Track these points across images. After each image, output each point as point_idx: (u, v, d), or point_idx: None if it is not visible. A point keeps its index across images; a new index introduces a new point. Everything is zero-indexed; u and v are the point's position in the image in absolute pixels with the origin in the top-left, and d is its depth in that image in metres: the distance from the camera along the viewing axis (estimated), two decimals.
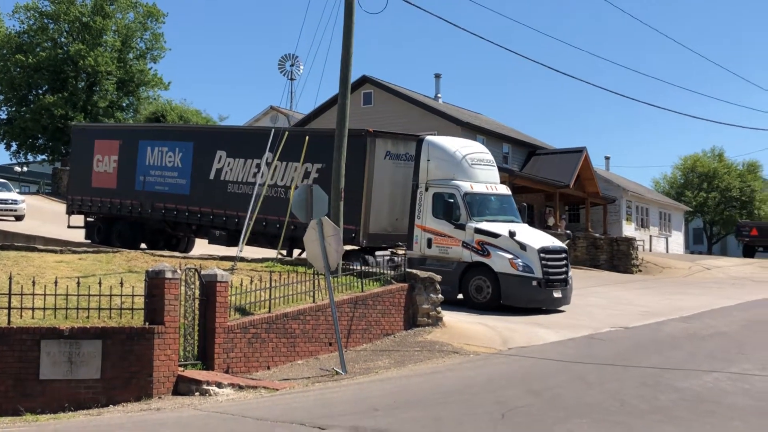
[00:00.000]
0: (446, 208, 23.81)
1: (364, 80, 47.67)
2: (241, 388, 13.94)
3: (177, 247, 31.06)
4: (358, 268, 20.24)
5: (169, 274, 14.01)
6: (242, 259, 20.86)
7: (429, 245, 24.12)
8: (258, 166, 26.30)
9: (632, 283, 35.13)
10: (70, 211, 32.65)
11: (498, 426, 10.77)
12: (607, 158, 70.81)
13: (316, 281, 17.63)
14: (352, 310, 18.00)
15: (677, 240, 63.48)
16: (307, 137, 26.17)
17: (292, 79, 69.06)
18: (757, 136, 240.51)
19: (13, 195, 39.04)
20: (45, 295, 13.85)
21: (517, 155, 50.57)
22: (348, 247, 24.37)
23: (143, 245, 29.88)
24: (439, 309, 19.90)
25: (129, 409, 12.82)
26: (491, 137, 46.93)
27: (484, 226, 23.67)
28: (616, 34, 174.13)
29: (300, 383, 14.69)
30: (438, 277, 20.17)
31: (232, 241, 26.34)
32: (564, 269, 24.11)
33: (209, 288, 14.92)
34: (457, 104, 54.53)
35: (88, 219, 32.25)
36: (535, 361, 16.24)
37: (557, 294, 23.70)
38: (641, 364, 15.65)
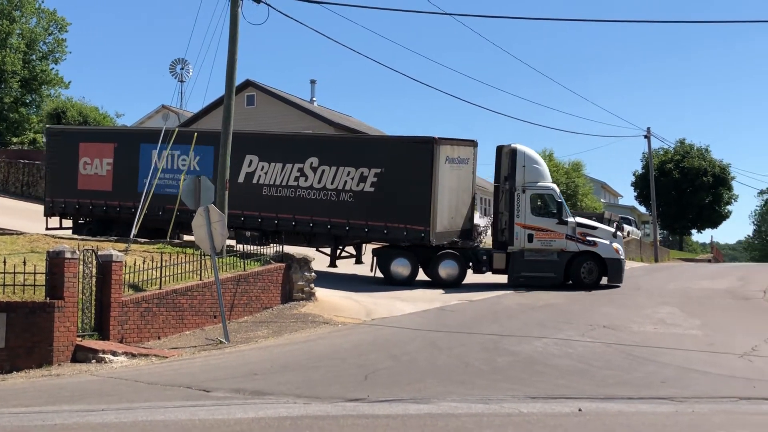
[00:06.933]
0: (550, 206, 24.71)
1: (247, 83, 46.98)
2: (134, 356, 13.69)
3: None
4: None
5: (68, 255, 13.60)
6: (135, 242, 20.36)
7: (530, 240, 24.58)
8: (300, 170, 24.88)
9: None
10: (49, 213, 28.29)
11: (362, 385, 10.87)
12: None
13: (203, 261, 17.39)
14: (235, 287, 17.83)
15: None
16: (195, 134, 25.68)
17: (181, 81, 67.36)
18: (580, 139, 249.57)
19: None
20: None
21: None
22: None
23: None
24: (312, 285, 19.89)
25: (31, 375, 12.39)
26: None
27: (581, 220, 25.63)
28: (458, 46, 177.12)
29: (187, 352, 14.47)
30: (312, 258, 20.11)
31: (261, 240, 24.65)
32: None
33: (105, 267, 14.58)
34: (331, 107, 54.43)
35: (79, 221, 28.45)
36: (394, 330, 16.42)
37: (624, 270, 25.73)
38: (483, 332, 16.01)
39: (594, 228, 25.15)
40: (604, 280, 24.94)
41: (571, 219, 24.93)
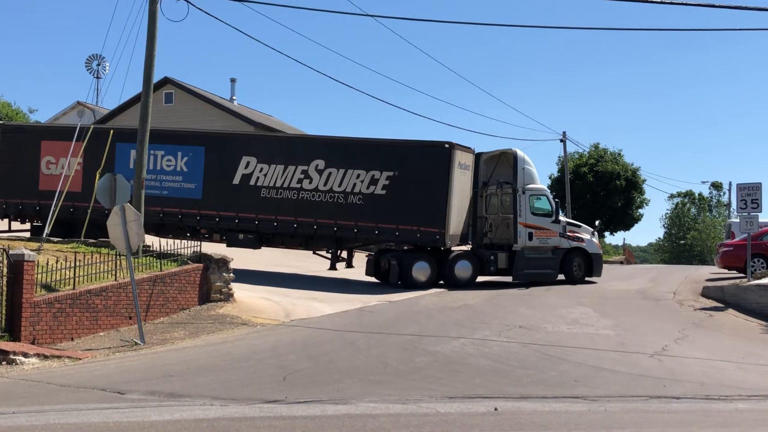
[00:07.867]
0: (546, 206, 26.02)
1: (166, 81, 46.21)
2: (46, 357, 13.37)
3: None
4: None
5: None
6: (48, 241, 19.85)
7: (530, 238, 25.92)
8: (304, 172, 24.67)
9: None
10: (2, 216, 26.71)
11: (280, 386, 10.82)
12: None
13: (119, 261, 17.06)
14: (151, 287, 17.54)
15: None
16: (111, 131, 25.12)
17: (98, 77, 65.84)
18: (499, 142, 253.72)
19: None
20: None
21: None
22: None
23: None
24: (231, 286, 19.68)
25: None
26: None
27: (568, 219, 27.37)
28: (384, 48, 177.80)
29: (102, 353, 14.18)
30: (230, 258, 19.90)
31: (255, 243, 25.02)
32: None
33: (17, 266, 14.19)
34: (252, 106, 53.93)
35: (36, 223, 26.54)
36: (313, 331, 16.37)
37: None
38: (402, 332, 16.09)
39: (579, 226, 27.12)
40: None
41: (562, 218, 26.52)
